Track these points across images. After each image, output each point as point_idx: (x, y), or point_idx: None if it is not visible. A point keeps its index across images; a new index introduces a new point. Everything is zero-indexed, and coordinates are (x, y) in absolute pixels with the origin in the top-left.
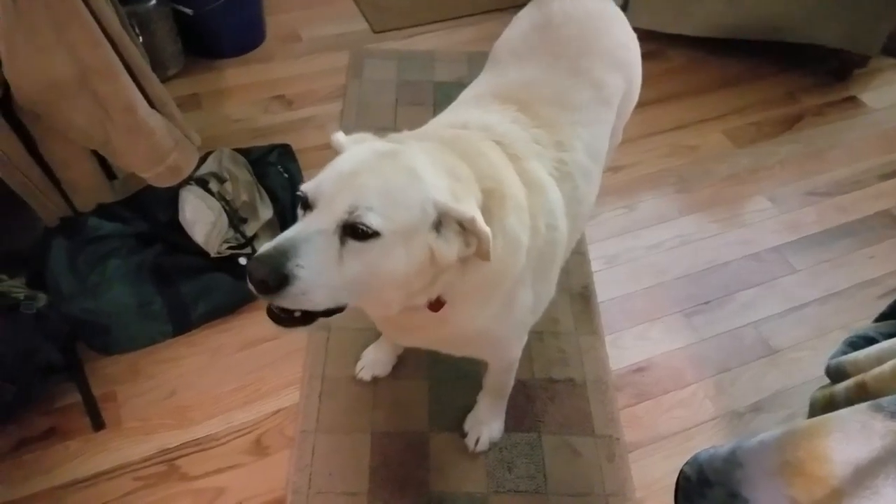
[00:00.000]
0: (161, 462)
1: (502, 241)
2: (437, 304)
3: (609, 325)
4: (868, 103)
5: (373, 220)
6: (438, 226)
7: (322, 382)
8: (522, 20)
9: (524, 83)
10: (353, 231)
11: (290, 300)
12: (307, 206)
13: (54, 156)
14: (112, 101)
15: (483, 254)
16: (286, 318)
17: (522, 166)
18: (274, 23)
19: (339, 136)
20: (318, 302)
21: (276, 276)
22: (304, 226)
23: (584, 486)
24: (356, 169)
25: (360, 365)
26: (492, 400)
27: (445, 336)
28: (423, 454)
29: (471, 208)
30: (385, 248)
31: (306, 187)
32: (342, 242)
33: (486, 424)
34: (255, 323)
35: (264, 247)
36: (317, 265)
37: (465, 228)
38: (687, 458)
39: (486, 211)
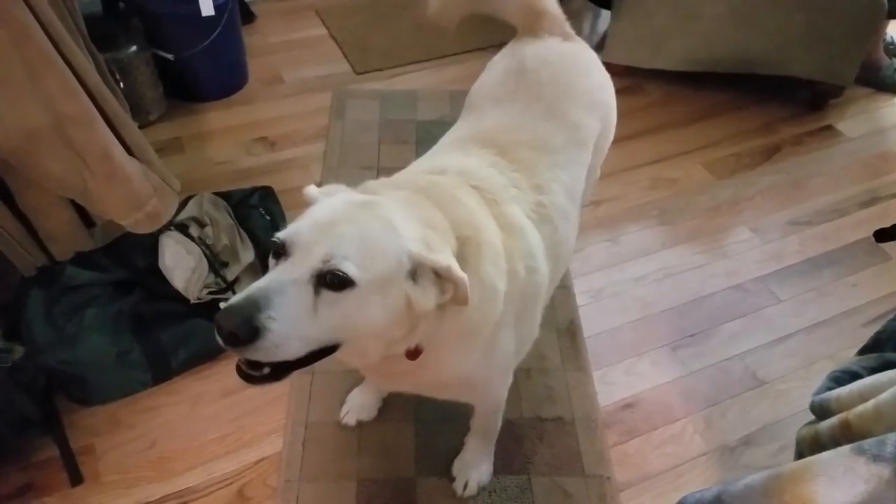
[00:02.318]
0: None
1: (479, 288)
2: (414, 353)
3: (596, 361)
4: (844, 132)
5: (349, 269)
6: (414, 274)
7: (306, 429)
8: (497, 65)
9: (502, 127)
10: (328, 281)
11: (262, 353)
12: (280, 254)
13: (30, 205)
14: (89, 149)
15: (461, 299)
16: (256, 376)
17: (501, 211)
18: (256, 65)
19: (311, 189)
20: (290, 355)
21: (246, 329)
22: (276, 275)
23: None
24: (333, 218)
25: (344, 409)
26: (480, 442)
27: (428, 381)
28: (411, 501)
29: (446, 257)
30: (361, 298)
31: (282, 235)
32: (316, 293)
33: (475, 467)
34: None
35: (234, 297)
36: (290, 317)
37: (441, 276)
38: (678, 496)
39: (462, 258)
